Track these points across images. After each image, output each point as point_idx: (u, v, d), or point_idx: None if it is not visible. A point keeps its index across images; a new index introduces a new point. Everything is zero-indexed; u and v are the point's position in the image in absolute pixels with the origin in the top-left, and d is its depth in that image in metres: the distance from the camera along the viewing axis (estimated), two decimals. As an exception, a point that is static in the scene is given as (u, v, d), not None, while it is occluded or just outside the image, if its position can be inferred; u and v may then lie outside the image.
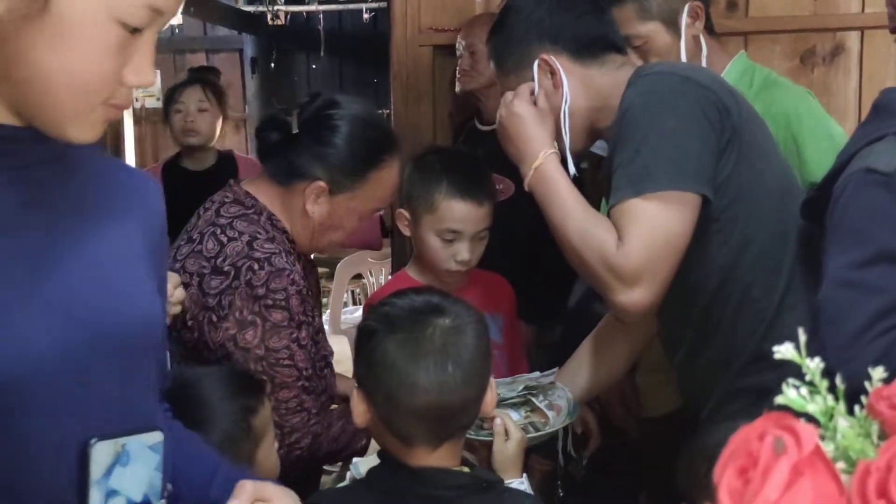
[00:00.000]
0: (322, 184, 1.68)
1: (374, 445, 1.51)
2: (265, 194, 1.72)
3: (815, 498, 0.44)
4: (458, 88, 2.87)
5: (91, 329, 0.93)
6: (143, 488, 0.96)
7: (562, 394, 1.78)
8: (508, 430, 1.60)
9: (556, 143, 1.65)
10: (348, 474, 1.47)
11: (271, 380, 1.60)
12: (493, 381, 1.39)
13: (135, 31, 0.88)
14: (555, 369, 1.81)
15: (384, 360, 1.29)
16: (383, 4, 6.07)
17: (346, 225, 1.75)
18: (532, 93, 1.65)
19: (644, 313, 1.50)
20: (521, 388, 1.74)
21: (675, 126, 1.48)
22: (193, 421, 1.24)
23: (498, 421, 1.60)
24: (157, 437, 0.97)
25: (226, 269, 1.61)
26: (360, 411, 1.34)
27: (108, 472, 0.93)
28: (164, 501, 0.98)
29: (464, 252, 1.96)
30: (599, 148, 1.84)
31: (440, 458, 1.32)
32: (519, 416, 1.73)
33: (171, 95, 3.50)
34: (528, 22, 1.66)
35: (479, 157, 2.13)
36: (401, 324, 1.31)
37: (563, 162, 1.64)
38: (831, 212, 1.33)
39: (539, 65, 1.64)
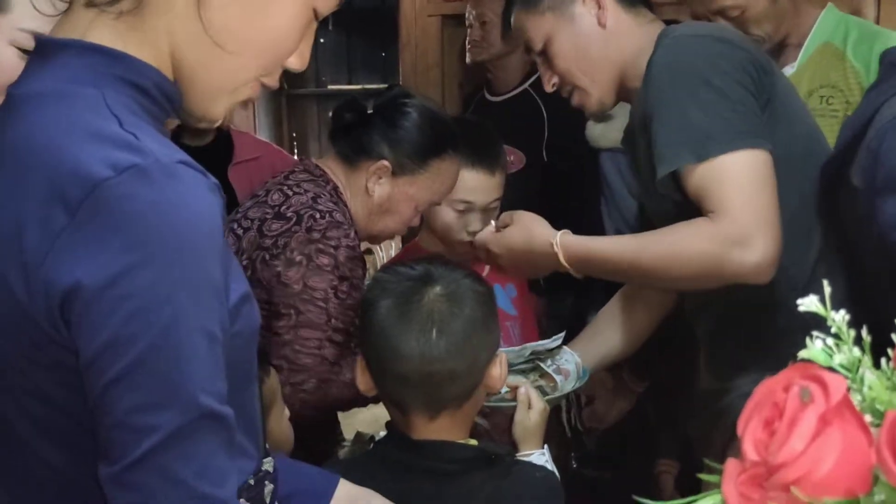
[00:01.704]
0: (387, 163, 1.75)
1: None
2: (332, 169, 1.81)
3: (844, 448, 0.43)
4: (468, 59, 2.84)
5: None
6: None
7: (570, 358, 1.77)
8: (531, 399, 1.58)
9: None
10: None
11: (297, 315, 1.63)
12: (503, 355, 1.36)
13: (317, 17, 0.92)
14: (561, 334, 1.79)
15: (374, 325, 1.29)
16: (391, -24, 6.03)
17: (402, 211, 1.82)
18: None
19: (777, 261, 1.39)
20: (528, 353, 1.73)
21: (721, 85, 1.42)
22: None
23: (522, 390, 1.58)
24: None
25: (288, 215, 1.69)
26: (362, 378, 1.35)
27: None
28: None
29: (476, 223, 1.95)
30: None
31: (441, 429, 1.30)
32: (527, 382, 1.72)
33: None
34: None
35: (490, 126, 2.11)
36: (393, 290, 1.31)
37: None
38: (871, 165, 1.30)
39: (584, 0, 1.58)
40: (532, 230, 1.60)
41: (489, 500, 1.30)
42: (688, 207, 1.43)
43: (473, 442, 1.35)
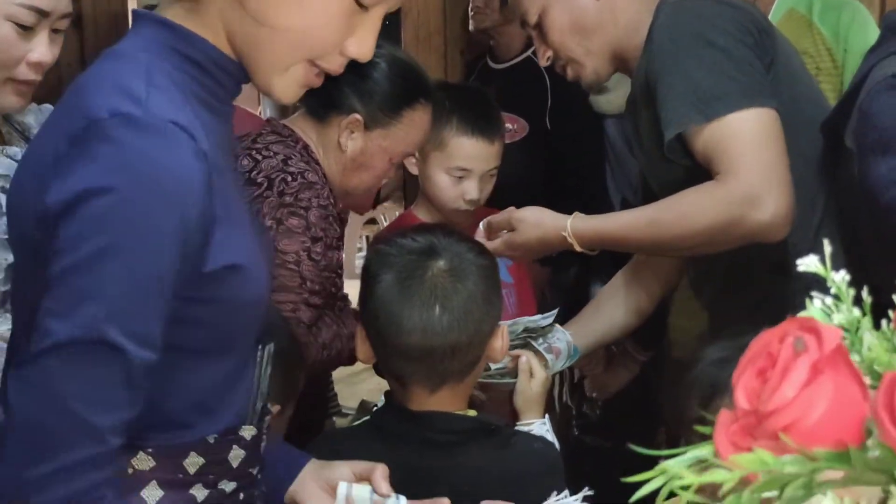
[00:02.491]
0: (358, 116, 1.71)
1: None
2: (301, 128, 1.76)
3: (836, 396, 0.42)
4: (471, 26, 2.82)
5: None
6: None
7: (561, 336, 1.74)
8: (533, 368, 1.58)
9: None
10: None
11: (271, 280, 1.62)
12: (504, 327, 1.36)
13: (363, 7, 0.95)
14: (554, 311, 1.78)
15: (376, 299, 1.28)
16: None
17: (376, 165, 1.78)
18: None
19: (791, 216, 1.38)
20: (520, 330, 1.72)
21: (725, 45, 1.41)
22: None
23: (523, 359, 1.57)
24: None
25: (259, 180, 1.66)
26: (362, 349, 1.34)
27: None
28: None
29: (473, 191, 1.93)
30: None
31: (440, 401, 1.30)
32: (528, 352, 1.71)
33: None
34: None
35: (489, 93, 2.09)
36: (395, 263, 1.30)
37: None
38: (863, 126, 1.29)
39: None
40: (542, 224, 1.57)
41: (486, 472, 1.29)
42: (696, 172, 1.42)
43: (472, 413, 1.35)
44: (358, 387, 3.94)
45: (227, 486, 1.01)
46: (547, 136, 2.69)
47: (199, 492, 0.98)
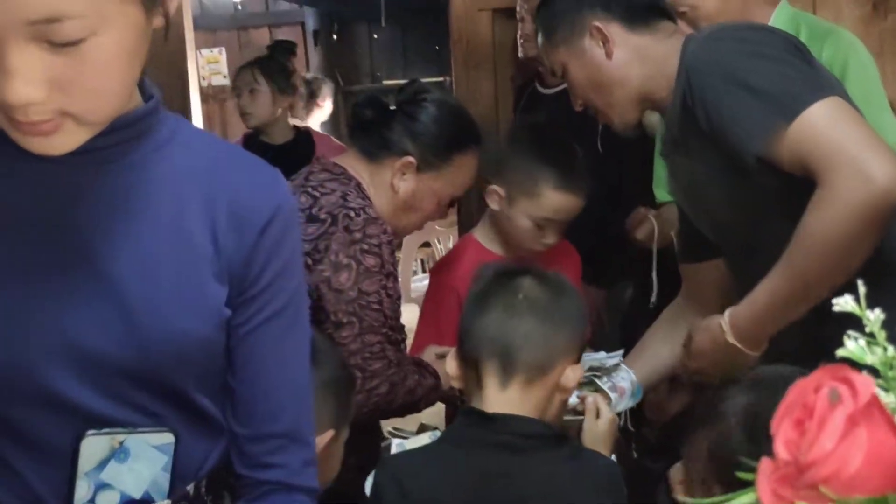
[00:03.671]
0: (412, 159, 1.77)
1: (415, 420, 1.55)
2: (353, 167, 1.81)
3: (872, 447, 0.44)
4: (520, 53, 2.85)
5: (116, 338, 0.93)
6: (145, 485, 0.96)
7: (626, 376, 1.77)
8: (600, 409, 1.61)
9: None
10: (394, 448, 1.49)
11: (360, 322, 1.67)
12: (584, 358, 1.42)
13: None
14: (620, 351, 1.81)
15: (469, 300, 1.40)
16: (442, -30, 6.04)
17: (425, 207, 1.84)
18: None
19: None
20: (585, 368, 1.74)
21: (776, 55, 1.42)
22: None
23: (590, 399, 1.61)
24: (165, 437, 0.97)
25: (322, 216, 1.70)
26: (452, 364, 1.40)
27: (101, 465, 0.94)
28: (168, 501, 0.99)
29: (553, 237, 2.00)
30: None
31: (510, 402, 1.34)
32: (578, 401, 1.73)
33: (233, 80, 3.71)
34: None
35: (575, 144, 2.11)
36: (487, 272, 1.43)
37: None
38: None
39: (591, 33, 1.62)
40: (710, 327, 1.56)
41: (556, 479, 1.33)
42: (780, 188, 1.41)
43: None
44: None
45: None
46: (598, 160, 2.69)
47: None
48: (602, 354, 1.78)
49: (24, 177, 0.91)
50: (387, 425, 2.62)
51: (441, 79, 7.52)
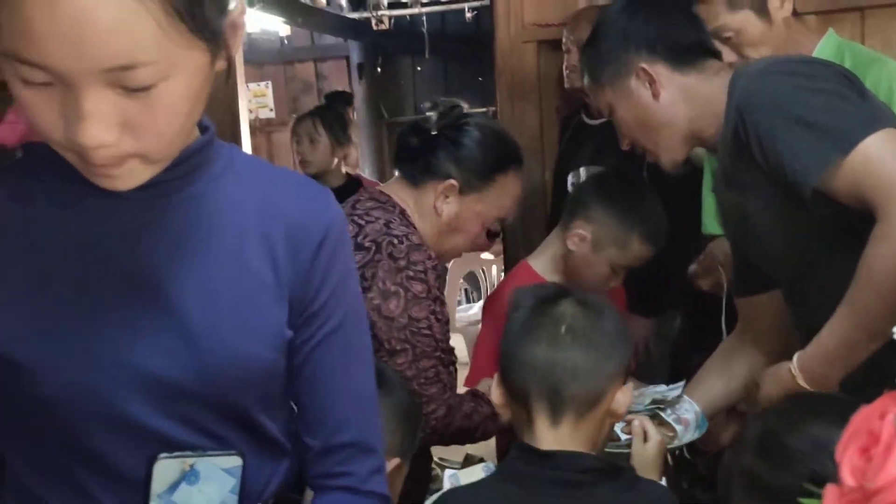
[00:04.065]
0: (454, 182, 1.80)
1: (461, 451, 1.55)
2: (398, 194, 1.86)
3: (939, 473, 0.44)
4: (566, 84, 2.86)
5: (182, 365, 0.96)
6: None
7: (689, 407, 1.76)
8: (647, 432, 1.60)
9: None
10: (446, 480, 1.49)
11: (413, 349, 1.69)
12: (629, 384, 1.40)
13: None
14: (681, 383, 1.80)
15: (510, 329, 1.38)
16: (485, 2, 6.10)
17: (470, 229, 1.86)
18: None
19: None
20: (648, 401, 1.74)
21: (830, 88, 1.42)
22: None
23: (636, 423, 1.60)
24: (233, 461, 1.00)
25: (367, 245, 1.73)
26: (496, 393, 1.40)
27: (173, 488, 0.97)
28: None
29: (620, 280, 2.06)
30: None
31: (562, 438, 1.33)
32: (642, 416, 1.72)
33: (293, 127, 3.84)
34: (624, 33, 1.66)
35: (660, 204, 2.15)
36: (529, 297, 1.41)
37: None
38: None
39: (637, 74, 1.63)
40: (779, 373, 1.55)
41: None
42: (836, 218, 1.41)
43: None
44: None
45: None
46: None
47: None
48: (663, 387, 1.77)
49: (92, 211, 0.95)
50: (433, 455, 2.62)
51: (484, 109, 7.57)
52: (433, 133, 1.85)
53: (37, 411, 0.95)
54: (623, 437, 1.63)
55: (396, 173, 1.92)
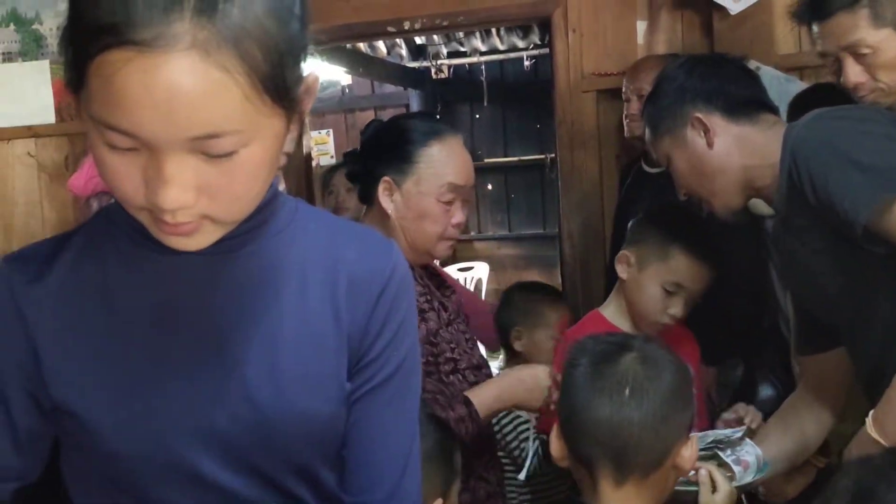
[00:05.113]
0: (387, 178, 1.83)
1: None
2: (370, 222, 1.86)
3: None
4: (626, 133, 2.88)
5: (244, 420, 0.96)
6: None
7: (750, 450, 1.74)
8: (716, 481, 1.58)
9: None
10: None
11: None
12: (695, 437, 1.38)
13: None
14: (744, 427, 1.79)
15: (569, 384, 1.36)
16: (544, 51, 6.16)
17: (428, 210, 1.84)
18: None
19: None
20: (709, 440, 1.72)
21: (881, 132, 1.47)
22: None
23: (703, 472, 1.58)
24: None
25: None
26: (556, 445, 1.39)
27: None
28: None
29: (679, 308, 2.00)
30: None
31: (628, 498, 1.32)
32: (710, 464, 1.70)
33: (324, 179, 3.72)
34: (682, 87, 1.73)
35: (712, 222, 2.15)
36: (590, 350, 1.38)
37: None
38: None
39: (692, 124, 1.69)
40: (861, 439, 1.54)
41: None
42: (888, 258, 1.43)
43: None
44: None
45: None
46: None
47: None
48: (727, 430, 1.76)
49: (159, 269, 0.97)
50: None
51: (542, 156, 7.60)
52: (356, 151, 1.90)
53: (106, 465, 0.96)
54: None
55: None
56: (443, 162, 1.86)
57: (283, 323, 0.99)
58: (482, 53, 7.39)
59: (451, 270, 6.73)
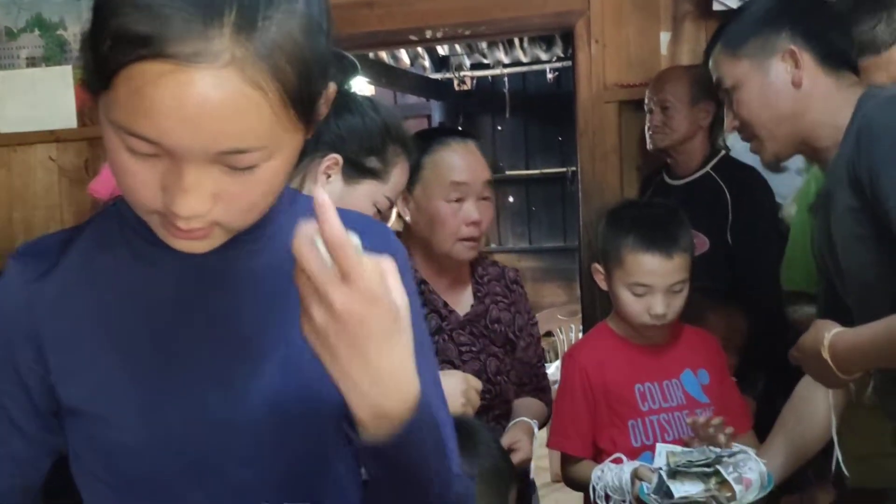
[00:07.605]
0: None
1: None
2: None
3: None
4: (649, 145, 2.84)
5: (257, 408, 0.96)
6: None
7: (754, 466, 1.69)
8: None
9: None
10: None
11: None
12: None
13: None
14: (741, 447, 1.76)
15: None
16: (567, 64, 6.14)
17: (438, 212, 1.87)
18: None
19: None
20: (713, 456, 1.69)
21: None
22: (462, 448, 1.23)
23: None
24: None
25: None
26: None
27: None
28: None
29: (657, 306, 1.94)
30: None
31: None
32: (699, 490, 1.67)
33: None
34: (780, 10, 1.60)
35: (666, 207, 2.11)
36: None
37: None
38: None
39: (784, 56, 1.57)
40: (816, 332, 1.52)
41: None
42: None
43: None
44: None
45: None
46: (729, 251, 2.65)
47: None
48: (717, 449, 1.72)
49: (171, 263, 0.96)
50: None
51: (563, 169, 7.58)
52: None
53: (122, 464, 0.96)
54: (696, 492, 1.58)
55: None
56: (444, 163, 1.88)
57: (295, 314, 0.99)
58: (505, 66, 7.37)
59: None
